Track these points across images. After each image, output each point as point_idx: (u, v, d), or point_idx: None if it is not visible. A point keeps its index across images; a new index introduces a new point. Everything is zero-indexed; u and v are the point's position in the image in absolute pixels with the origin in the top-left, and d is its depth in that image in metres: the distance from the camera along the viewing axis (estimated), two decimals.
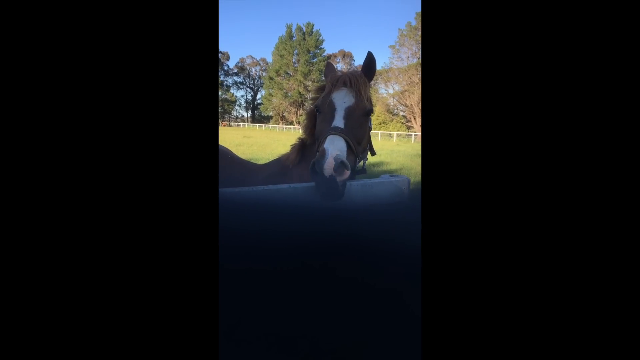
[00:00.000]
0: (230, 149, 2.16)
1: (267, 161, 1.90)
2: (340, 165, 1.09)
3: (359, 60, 72.55)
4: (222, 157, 1.80)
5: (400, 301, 0.56)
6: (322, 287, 0.56)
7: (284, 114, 61.13)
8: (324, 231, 0.65)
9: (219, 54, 69.81)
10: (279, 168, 1.68)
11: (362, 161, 1.43)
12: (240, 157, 1.99)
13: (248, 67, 74.78)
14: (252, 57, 75.40)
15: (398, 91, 39.81)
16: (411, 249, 0.54)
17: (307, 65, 59.54)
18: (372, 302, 0.55)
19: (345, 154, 1.16)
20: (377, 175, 1.24)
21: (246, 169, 1.83)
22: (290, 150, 1.67)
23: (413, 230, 0.54)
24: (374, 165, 8.21)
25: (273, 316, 0.57)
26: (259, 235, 0.61)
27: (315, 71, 59.87)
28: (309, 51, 59.86)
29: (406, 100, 37.68)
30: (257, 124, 58.69)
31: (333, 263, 0.58)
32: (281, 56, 60.73)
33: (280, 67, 60.75)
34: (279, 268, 0.58)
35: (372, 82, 1.52)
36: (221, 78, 70.22)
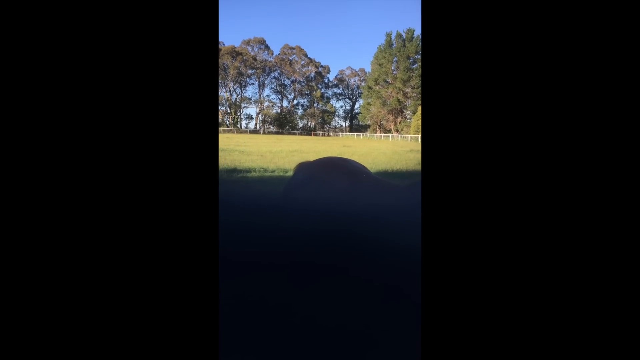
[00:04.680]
0: None
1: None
2: None
3: None
4: (357, 173, 1.67)
5: (402, 298, 0.56)
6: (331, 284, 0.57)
7: (382, 122, 60.84)
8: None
9: (320, 68, 73.80)
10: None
11: None
12: (373, 173, 1.80)
13: (347, 79, 77.01)
14: (351, 68, 77.40)
15: None
16: (414, 247, 0.55)
17: (407, 71, 58.24)
18: (374, 299, 0.56)
19: None
20: None
21: (382, 187, 1.65)
22: None
23: (416, 229, 0.54)
24: None
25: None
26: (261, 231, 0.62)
27: (415, 77, 58.09)
28: (408, 57, 58.54)
29: None
30: (355, 133, 59.62)
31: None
32: (380, 65, 60.79)
33: (379, 75, 60.82)
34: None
35: None
36: (322, 90, 73.87)
